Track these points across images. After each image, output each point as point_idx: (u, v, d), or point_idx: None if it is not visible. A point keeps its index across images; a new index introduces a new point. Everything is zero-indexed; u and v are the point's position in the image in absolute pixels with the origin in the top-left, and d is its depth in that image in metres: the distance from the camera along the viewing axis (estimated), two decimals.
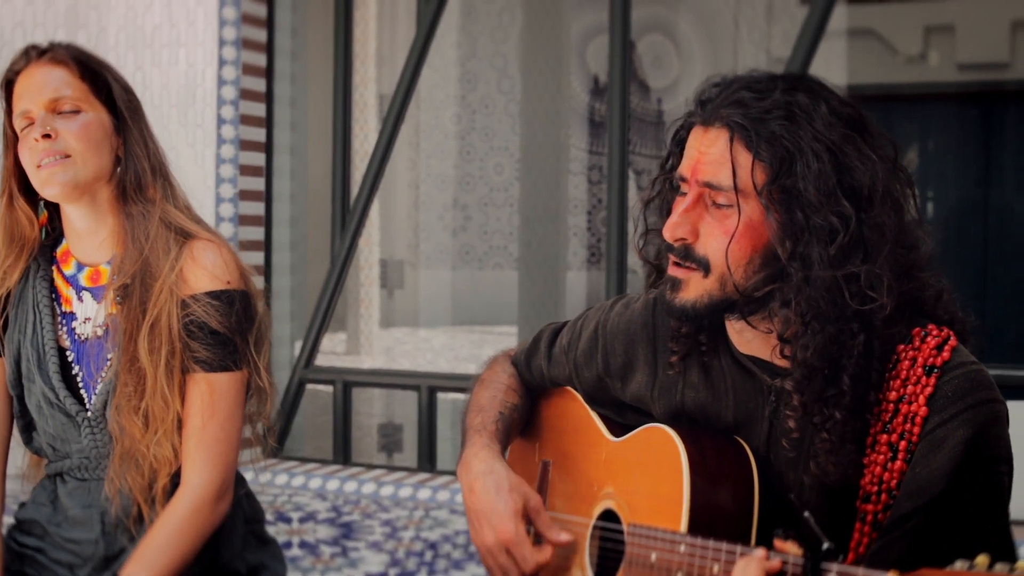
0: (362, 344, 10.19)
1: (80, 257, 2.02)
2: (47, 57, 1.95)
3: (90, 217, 1.98)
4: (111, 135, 1.97)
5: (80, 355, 1.99)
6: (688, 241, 1.56)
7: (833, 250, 1.47)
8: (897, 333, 1.53)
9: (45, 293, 2.01)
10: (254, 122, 5.53)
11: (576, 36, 10.25)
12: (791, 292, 1.51)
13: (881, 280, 1.48)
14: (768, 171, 1.50)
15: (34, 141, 1.91)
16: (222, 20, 5.30)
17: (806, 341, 1.50)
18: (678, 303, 1.58)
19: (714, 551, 1.48)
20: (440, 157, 12.40)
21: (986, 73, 8.32)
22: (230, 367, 1.95)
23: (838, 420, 1.51)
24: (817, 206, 1.47)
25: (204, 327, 1.93)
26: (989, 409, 1.49)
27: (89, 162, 1.92)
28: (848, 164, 1.49)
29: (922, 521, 1.47)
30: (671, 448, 1.62)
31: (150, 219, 1.96)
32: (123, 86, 2.01)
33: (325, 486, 5.40)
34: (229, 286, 1.96)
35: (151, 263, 1.94)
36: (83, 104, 1.94)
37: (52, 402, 1.97)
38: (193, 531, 1.91)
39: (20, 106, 1.94)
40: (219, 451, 1.94)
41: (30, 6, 5.54)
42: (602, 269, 5.47)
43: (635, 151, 9.95)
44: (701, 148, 1.55)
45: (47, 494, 2.04)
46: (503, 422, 1.91)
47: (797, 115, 1.50)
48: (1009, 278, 8.09)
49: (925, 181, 8.69)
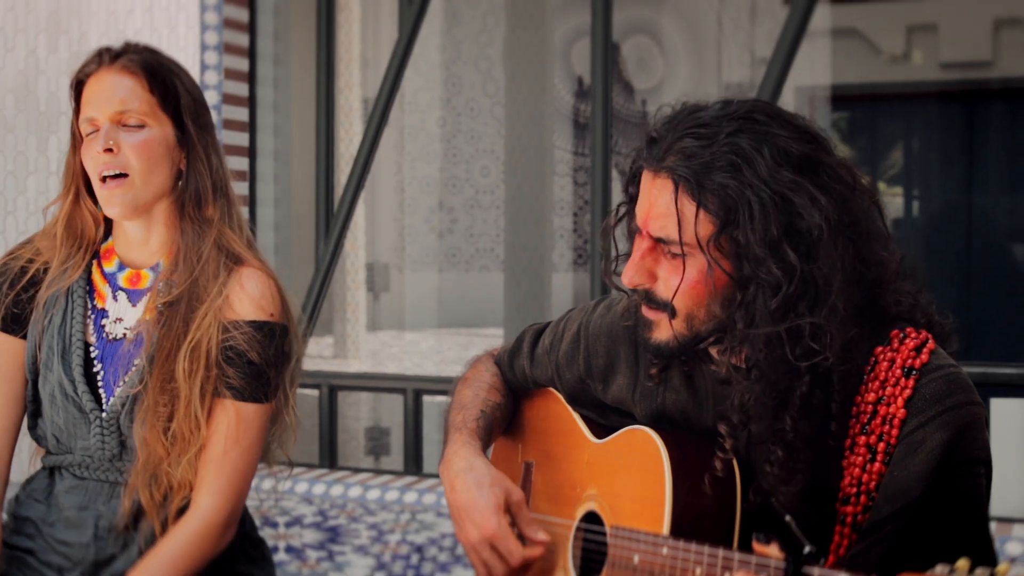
0: (348, 348, 10.18)
1: (124, 258, 2.01)
2: (119, 64, 1.94)
3: (144, 228, 1.98)
4: (173, 150, 1.95)
5: (105, 353, 1.98)
6: (648, 286, 1.57)
7: (775, 304, 1.46)
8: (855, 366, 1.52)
9: (81, 285, 2.00)
10: (237, 127, 5.52)
11: (560, 38, 10.26)
12: (734, 341, 1.52)
13: (825, 332, 1.47)
14: (713, 223, 1.49)
15: (96, 153, 1.91)
16: (204, 25, 5.29)
17: (746, 387, 1.51)
18: (652, 343, 1.60)
19: (696, 553, 1.48)
20: (425, 160, 12.40)
21: (969, 72, 8.35)
22: (260, 399, 1.94)
23: (780, 457, 1.52)
24: (762, 258, 1.46)
25: (242, 355, 1.92)
26: (967, 412, 1.49)
27: (147, 182, 1.92)
28: (795, 210, 1.47)
29: (901, 524, 1.47)
30: (653, 450, 1.62)
31: (205, 240, 1.95)
32: (195, 98, 1.98)
33: (311, 490, 5.39)
34: (272, 318, 1.95)
35: (200, 284, 1.93)
36: (148, 119, 1.92)
37: (67, 394, 1.96)
38: (197, 554, 1.90)
39: (87, 112, 1.93)
40: (235, 480, 1.93)
41: (11, 12, 5.52)
42: (588, 270, 5.47)
43: (620, 152, 9.96)
44: (651, 199, 1.55)
45: (43, 489, 2.02)
46: (484, 420, 1.90)
47: (740, 164, 1.48)
48: (992, 276, 8.12)
49: (909, 180, 8.72)
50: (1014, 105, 8.36)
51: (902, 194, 8.69)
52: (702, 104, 1.57)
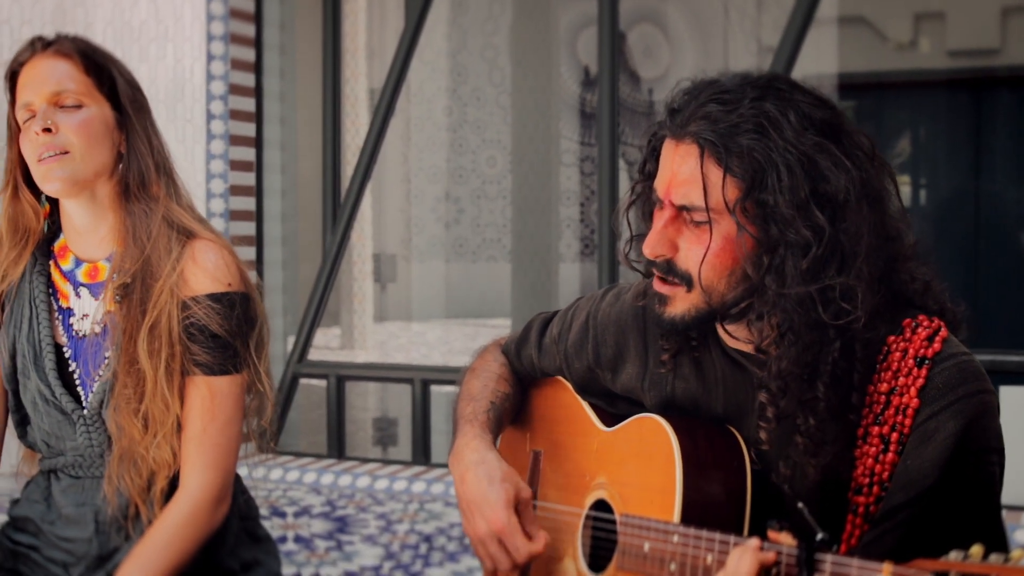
0: (356, 338, 10.19)
1: (78, 253, 2.00)
2: (52, 49, 1.94)
3: (90, 213, 1.97)
4: (113, 131, 1.95)
5: (77, 352, 1.98)
6: (668, 256, 1.56)
7: (806, 264, 1.46)
8: (878, 334, 1.53)
9: (42, 288, 2.00)
10: (244, 117, 5.52)
11: (566, 27, 10.23)
12: (766, 306, 1.51)
13: (856, 292, 1.47)
14: (740, 186, 1.49)
15: (34, 135, 1.90)
16: (210, 15, 5.29)
17: (781, 352, 1.51)
18: (667, 317, 1.59)
19: (707, 541, 1.48)
20: (432, 150, 12.39)
21: (976, 59, 8.32)
22: (230, 371, 1.94)
23: (812, 425, 1.51)
24: (790, 220, 1.46)
25: (204, 330, 1.91)
26: (980, 400, 1.49)
27: (88, 158, 1.91)
28: (821, 173, 1.47)
29: (914, 512, 1.47)
30: (663, 438, 1.62)
31: (152, 217, 1.94)
32: (128, 81, 1.99)
33: (320, 480, 5.40)
34: (230, 288, 1.95)
35: (152, 262, 1.92)
36: (85, 99, 1.92)
37: (48, 399, 1.96)
38: (191, 534, 1.90)
39: (23, 98, 1.93)
40: (219, 455, 1.93)
41: (16, 4, 5.52)
42: (595, 260, 5.46)
43: (627, 142, 9.94)
44: (673, 167, 1.54)
45: (41, 491, 2.03)
46: (494, 411, 1.90)
47: (767, 127, 1.48)
48: (1000, 264, 8.10)
49: (916, 168, 8.69)
50: (1022, 93, 8.34)
51: (910, 183, 8.66)
52: (721, 75, 1.58)
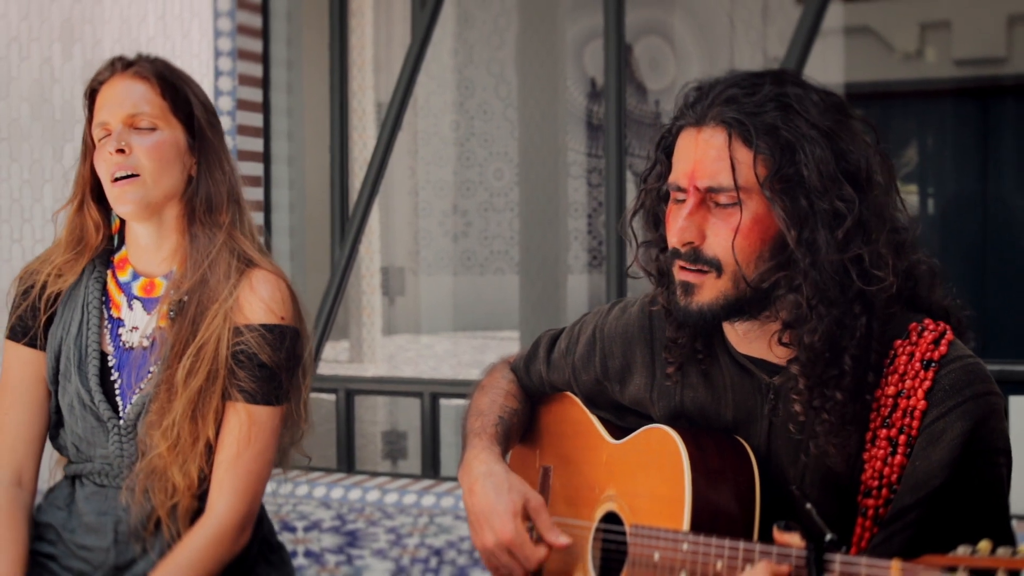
0: (364, 352, 10.20)
1: (138, 267, 2.03)
2: (131, 71, 1.98)
3: (155, 232, 2.00)
4: (185, 154, 1.98)
5: (122, 363, 2.00)
6: (696, 244, 1.56)
7: (840, 233, 1.49)
8: (895, 316, 1.55)
9: (96, 295, 2.03)
10: (251, 132, 5.54)
11: (572, 40, 10.25)
12: (799, 278, 1.52)
13: (885, 259, 1.51)
14: (770, 163, 1.51)
15: (108, 154, 1.94)
16: (217, 31, 5.31)
17: (813, 325, 1.51)
18: (694, 307, 1.58)
19: (717, 547, 1.48)
20: (439, 164, 12.42)
21: (983, 69, 8.32)
22: (272, 402, 1.96)
23: (838, 401, 1.52)
24: (821, 191, 1.49)
25: (254, 358, 1.93)
26: (987, 401, 1.50)
27: (158, 181, 1.94)
28: (844, 148, 1.51)
29: (922, 514, 1.48)
30: (672, 448, 1.62)
31: (215, 242, 1.97)
32: (204, 105, 2.02)
33: (329, 494, 5.40)
34: (283, 321, 1.97)
35: (210, 285, 1.95)
36: (159, 122, 1.96)
37: (85, 404, 1.98)
38: (213, 559, 1.91)
39: (100, 116, 1.97)
40: (249, 483, 1.94)
41: (25, 21, 5.55)
42: (603, 272, 5.47)
43: (634, 153, 9.95)
44: (697, 152, 1.55)
45: (64, 497, 2.04)
46: (503, 425, 1.91)
47: (791, 104, 1.52)
48: (1008, 273, 8.09)
49: (923, 177, 8.69)
50: None
51: (917, 192, 8.66)
52: (729, 73, 1.61)
